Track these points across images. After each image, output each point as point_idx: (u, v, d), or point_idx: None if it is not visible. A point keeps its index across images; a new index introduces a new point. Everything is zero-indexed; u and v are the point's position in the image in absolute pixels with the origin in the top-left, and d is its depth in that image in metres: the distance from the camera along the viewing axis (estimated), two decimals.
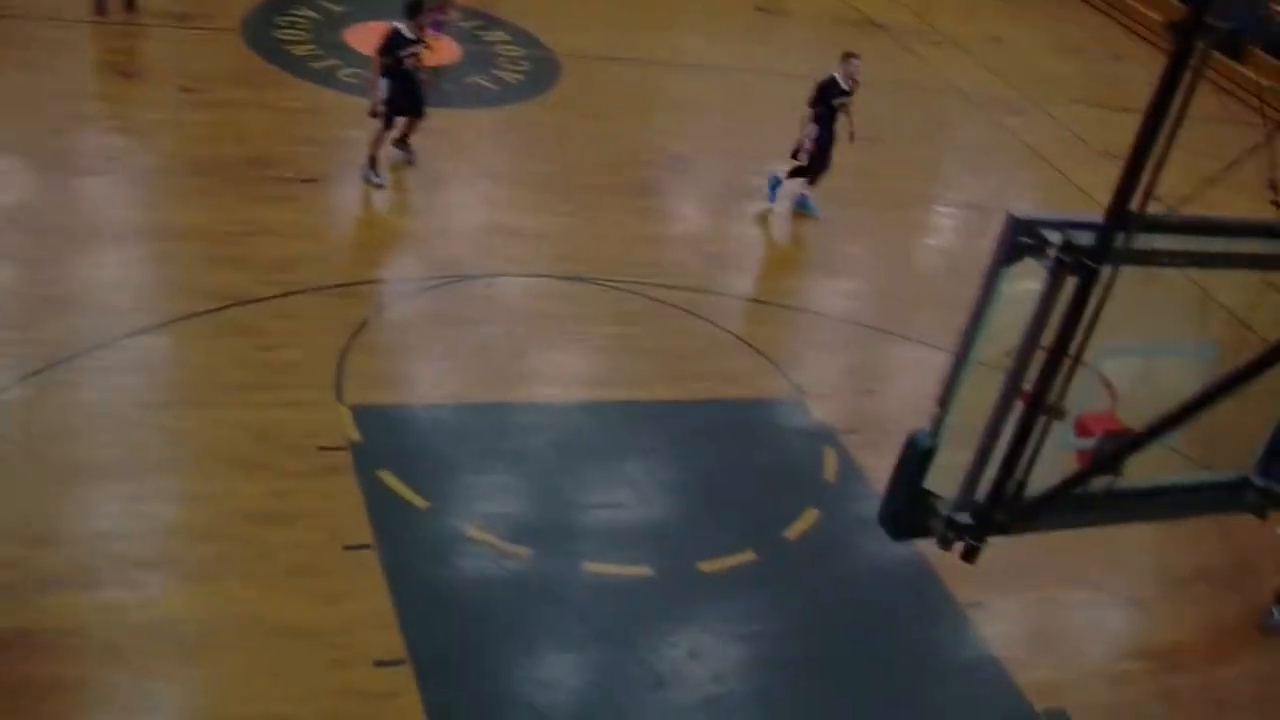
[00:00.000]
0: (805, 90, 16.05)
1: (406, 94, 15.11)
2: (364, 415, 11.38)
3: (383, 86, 14.88)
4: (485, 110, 17.55)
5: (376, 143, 15.13)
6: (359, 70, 17.28)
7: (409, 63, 14.98)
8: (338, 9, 19.57)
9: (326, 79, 17.36)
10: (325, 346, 12.12)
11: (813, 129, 15.98)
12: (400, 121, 15.38)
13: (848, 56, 16.07)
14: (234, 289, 12.59)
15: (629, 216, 15.67)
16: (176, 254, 13.15)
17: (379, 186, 15.16)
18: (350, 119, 16.23)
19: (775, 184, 16.44)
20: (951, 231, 17.80)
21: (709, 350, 13.44)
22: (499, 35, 19.91)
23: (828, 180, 16.65)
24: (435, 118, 16.12)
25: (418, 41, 15.00)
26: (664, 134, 18.17)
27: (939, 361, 6.24)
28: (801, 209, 16.62)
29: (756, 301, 14.80)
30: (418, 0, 14.84)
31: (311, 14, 19.18)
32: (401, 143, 15.68)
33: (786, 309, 14.75)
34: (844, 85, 15.99)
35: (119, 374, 11.29)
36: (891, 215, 17.53)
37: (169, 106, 15.84)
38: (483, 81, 18.34)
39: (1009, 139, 17.79)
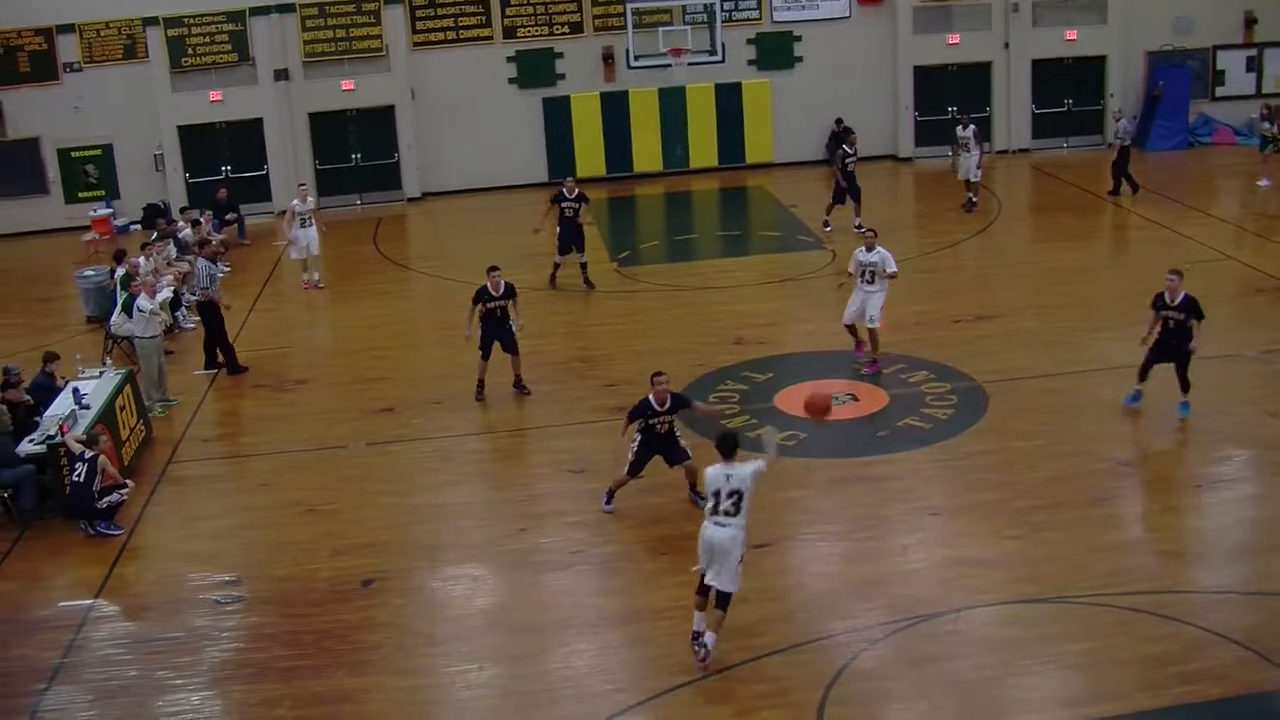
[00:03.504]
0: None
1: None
2: None
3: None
4: (921, 450, 17.84)
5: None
6: (795, 432, 18.01)
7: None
8: (762, 377, 20.49)
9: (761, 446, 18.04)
10: (803, 704, 12.35)
11: None
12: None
13: None
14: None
15: (1080, 529, 15.43)
16: (647, 634, 13.79)
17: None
18: (790, 479, 16.83)
19: None
20: None
21: (1188, 652, 12.90)
22: (922, 374, 20.34)
23: (1271, 455, 17.04)
24: (870, 464, 16.66)
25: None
26: (1104, 441, 17.95)
27: None
28: None
29: (1228, 594, 14.16)
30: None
31: (739, 386, 20.11)
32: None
33: (1262, 596, 14.08)
34: None
35: None
36: None
37: (623, 495, 16.70)
38: (914, 422, 18.69)
39: None
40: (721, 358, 21.34)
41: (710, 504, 13.04)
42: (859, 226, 28.62)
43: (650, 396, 16.10)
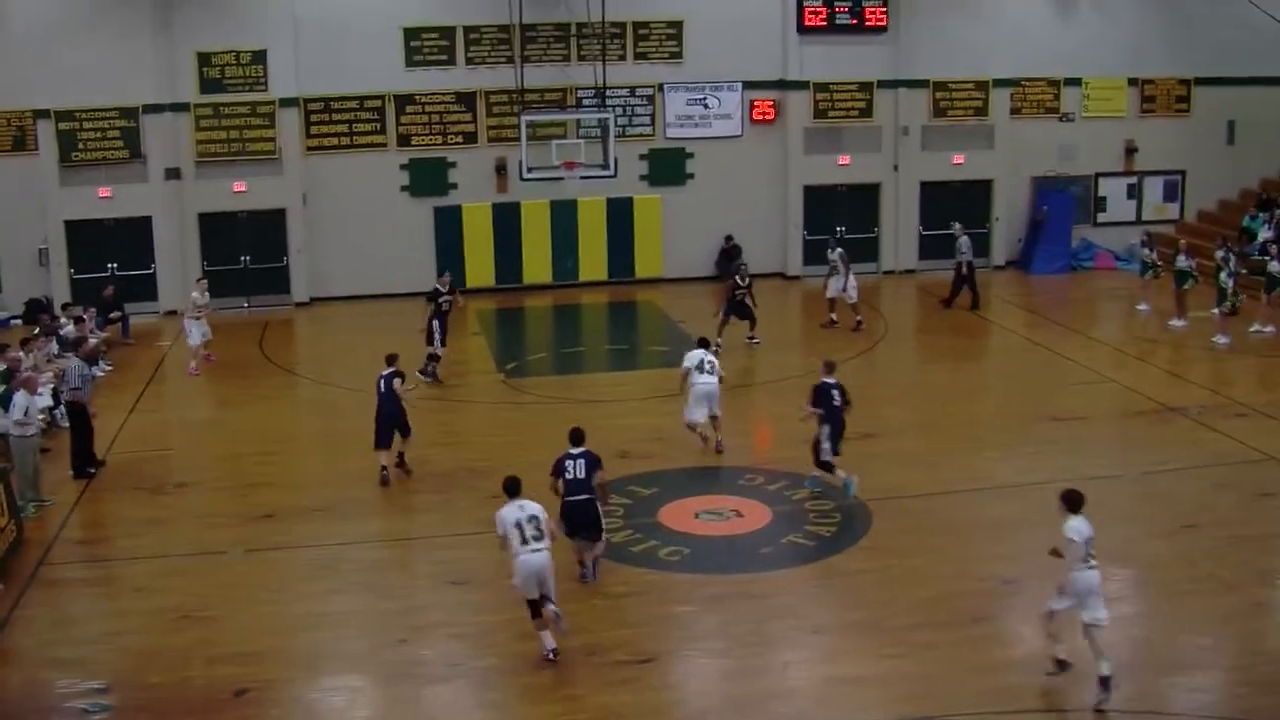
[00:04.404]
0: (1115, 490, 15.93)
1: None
2: None
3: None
4: (803, 567, 17.90)
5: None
6: (678, 548, 18.00)
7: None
8: (647, 491, 20.48)
9: (648, 560, 18.03)
10: None
11: None
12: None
13: None
14: None
15: (962, 648, 15.51)
16: None
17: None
18: (673, 595, 16.79)
19: None
20: None
21: None
22: (806, 491, 20.42)
23: (1150, 574, 17.10)
24: (753, 581, 16.66)
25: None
26: (986, 560, 18.12)
27: None
28: None
29: (1110, 712, 14.23)
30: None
31: (624, 500, 20.04)
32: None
33: (1143, 714, 14.17)
34: None
35: None
36: (1229, 599, 16.85)
37: (504, 608, 16.47)
38: (797, 539, 18.74)
39: None
40: (607, 471, 21.26)
41: (517, 537, 15.03)
42: (751, 338, 29.24)
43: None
